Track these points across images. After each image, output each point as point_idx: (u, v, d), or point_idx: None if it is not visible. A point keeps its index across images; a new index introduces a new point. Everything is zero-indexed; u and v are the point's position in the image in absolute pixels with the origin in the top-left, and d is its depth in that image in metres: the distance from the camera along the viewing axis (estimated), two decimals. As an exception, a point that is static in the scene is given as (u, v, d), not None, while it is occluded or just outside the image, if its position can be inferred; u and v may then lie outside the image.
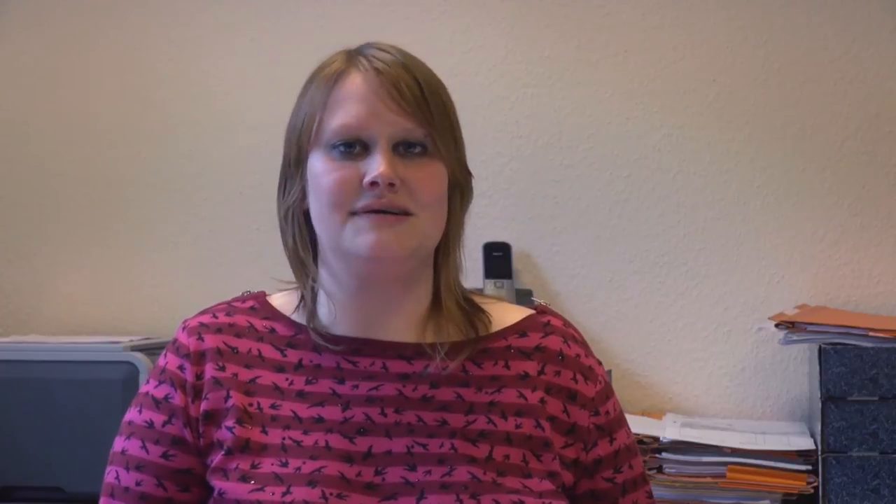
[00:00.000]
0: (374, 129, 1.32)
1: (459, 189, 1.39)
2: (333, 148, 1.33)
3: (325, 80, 1.35)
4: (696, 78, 2.70)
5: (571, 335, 1.43)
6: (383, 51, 1.35)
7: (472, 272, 1.55)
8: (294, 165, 1.37)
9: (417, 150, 1.33)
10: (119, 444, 1.40)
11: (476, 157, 1.46)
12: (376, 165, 1.30)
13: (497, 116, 2.73)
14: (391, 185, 1.30)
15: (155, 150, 2.86)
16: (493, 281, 2.62)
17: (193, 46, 2.85)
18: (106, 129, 2.87)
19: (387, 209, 1.31)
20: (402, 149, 1.33)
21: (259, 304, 1.43)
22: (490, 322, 1.41)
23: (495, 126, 2.73)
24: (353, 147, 1.32)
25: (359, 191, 1.31)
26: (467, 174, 1.40)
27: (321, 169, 1.33)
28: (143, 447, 1.37)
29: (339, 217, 1.32)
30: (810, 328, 2.31)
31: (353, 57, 1.36)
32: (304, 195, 1.37)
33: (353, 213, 1.31)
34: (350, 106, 1.33)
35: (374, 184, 1.30)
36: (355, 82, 1.34)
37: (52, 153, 2.89)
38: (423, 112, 1.32)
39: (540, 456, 1.34)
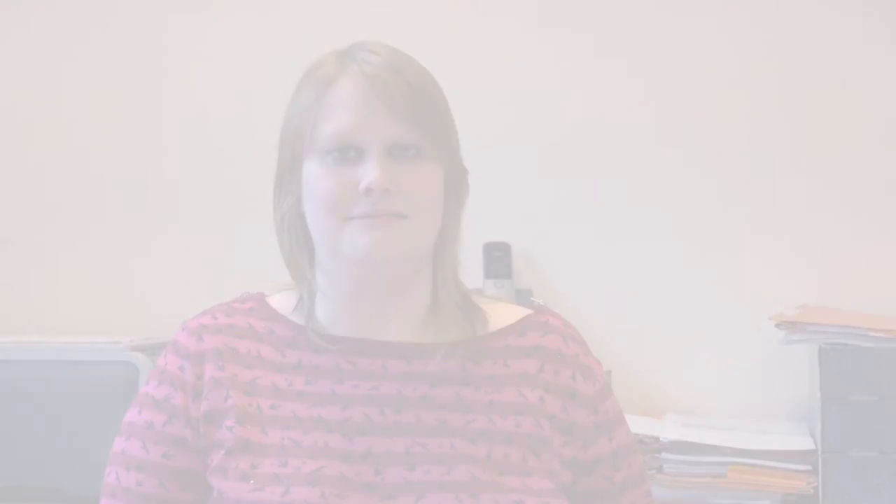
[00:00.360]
0: (366, 136, 1.32)
1: (455, 186, 1.39)
2: (328, 154, 1.33)
3: (315, 85, 1.35)
4: (697, 78, 2.69)
5: (570, 334, 1.43)
6: (373, 52, 1.35)
7: (472, 272, 1.54)
8: (289, 170, 1.37)
9: (411, 152, 1.33)
10: (119, 444, 1.40)
11: (476, 157, 1.46)
12: (370, 172, 1.31)
13: (497, 116, 2.72)
14: (386, 190, 1.30)
15: (155, 151, 2.85)
16: (493, 281, 2.62)
17: (192, 47, 2.85)
18: (106, 130, 2.87)
19: (382, 214, 1.31)
20: (397, 151, 1.33)
21: (258, 305, 1.43)
22: (489, 322, 1.41)
23: (495, 126, 2.72)
24: (348, 152, 1.33)
25: (354, 196, 1.32)
26: (463, 171, 1.40)
27: (316, 175, 1.34)
28: (144, 447, 1.38)
29: (336, 222, 1.32)
30: (810, 328, 2.31)
31: (343, 60, 1.36)
32: (299, 199, 1.37)
33: (350, 219, 1.32)
34: (342, 113, 1.33)
35: (369, 190, 1.30)
36: (346, 88, 1.33)
37: (52, 153, 2.88)
38: (414, 115, 1.33)
39: (539, 454, 1.34)
